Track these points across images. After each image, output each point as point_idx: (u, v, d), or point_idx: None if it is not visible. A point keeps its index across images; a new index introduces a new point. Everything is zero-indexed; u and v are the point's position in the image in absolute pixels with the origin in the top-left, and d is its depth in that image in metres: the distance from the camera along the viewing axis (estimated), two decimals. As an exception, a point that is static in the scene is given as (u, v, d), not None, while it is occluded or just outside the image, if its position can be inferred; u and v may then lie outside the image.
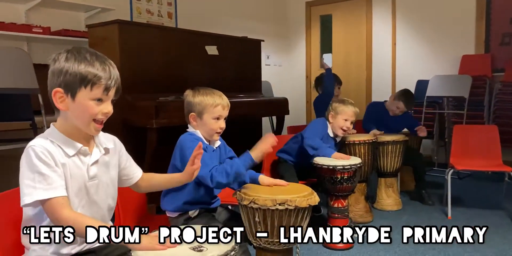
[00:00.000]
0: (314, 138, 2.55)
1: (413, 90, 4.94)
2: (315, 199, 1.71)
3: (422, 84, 4.74)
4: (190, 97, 1.75)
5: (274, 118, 4.34)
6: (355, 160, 2.39)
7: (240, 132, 3.65)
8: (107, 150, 1.29)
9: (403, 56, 5.19)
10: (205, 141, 1.75)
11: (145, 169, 1.48)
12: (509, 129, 4.09)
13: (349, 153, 2.85)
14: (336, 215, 2.42)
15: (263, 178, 1.78)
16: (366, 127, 3.31)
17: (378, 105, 3.54)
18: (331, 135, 2.71)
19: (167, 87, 3.15)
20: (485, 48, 4.62)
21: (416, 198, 3.36)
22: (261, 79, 4.22)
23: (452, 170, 2.98)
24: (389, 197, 3.15)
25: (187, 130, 1.78)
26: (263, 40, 4.14)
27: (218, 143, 1.81)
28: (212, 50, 3.55)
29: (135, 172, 1.41)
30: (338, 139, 2.77)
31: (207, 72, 3.54)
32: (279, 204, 1.61)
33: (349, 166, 2.32)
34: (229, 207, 1.98)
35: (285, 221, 1.64)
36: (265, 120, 4.52)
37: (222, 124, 1.75)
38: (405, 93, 3.41)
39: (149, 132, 2.73)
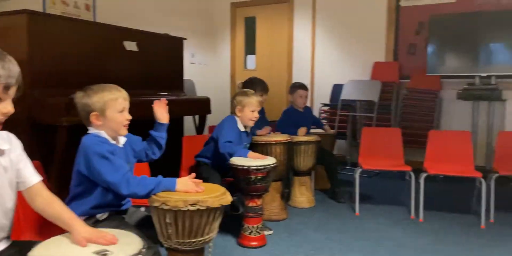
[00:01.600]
0: (229, 145, 2.58)
1: (329, 94, 5.25)
2: (227, 199, 1.74)
3: (337, 88, 5.02)
4: (86, 98, 1.68)
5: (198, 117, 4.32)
6: (269, 161, 2.47)
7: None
8: (1, 152, 1.21)
9: (322, 61, 5.45)
10: (111, 141, 1.71)
11: (54, 174, 1.41)
12: (413, 132, 4.47)
13: (265, 153, 2.92)
14: (251, 214, 2.48)
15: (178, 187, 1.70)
16: (280, 129, 3.42)
17: (290, 109, 3.68)
18: (242, 129, 2.75)
19: (81, 83, 2.92)
20: (394, 57, 5.01)
21: (329, 197, 3.54)
22: (184, 77, 4.18)
23: (360, 169, 3.20)
24: (302, 195, 3.30)
25: (88, 132, 1.72)
26: (185, 38, 4.09)
27: (123, 140, 1.78)
28: (131, 46, 3.45)
29: (29, 177, 1.32)
30: (248, 130, 2.81)
31: (126, 69, 3.42)
32: (191, 205, 1.63)
33: (263, 167, 2.39)
34: (142, 209, 1.95)
35: (196, 221, 1.66)
36: (188, 120, 4.48)
37: (128, 115, 1.73)
38: (294, 84, 3.76)
39: (58, 131, 2.58)
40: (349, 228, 2.86)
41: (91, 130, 1.71)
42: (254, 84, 3.38)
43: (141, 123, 2.08)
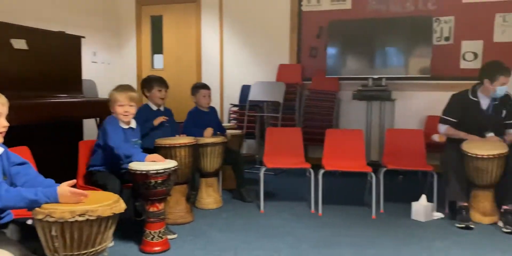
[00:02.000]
0: (123, 146, 2.50)
1: (238, 94, 5.33)
2: (120, 207, 1.69)
3: (246, 89, 5.13)
4: None
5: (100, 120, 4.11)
6: (169, 164, 2.44)
7: (55, 136, 3.38)
8: None
9: (230, 61, 5.52)
10: None
11: None
12: (315, 130, 4.72)
13: (169, 156, 2.89)
14: (152, 220, 2.44)
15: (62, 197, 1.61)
16: (186, 131, 3.40)
17: (194, 110, 3.65)
18: (125, 126, 2.66)
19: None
20: (297, 59, 5.24)
21: (237, 197, 3.60)
22: (83, 77, 3.96)
23: (264, 168, 3.30)
24: (209, 196, 3.32)
25: None
26: (83, 37, 3.88)
27: (0, 150, 1.64)
28: (19, 44, 3.18)
29: None
30: (133, 125, 2.72)
31: (14, 69, 3.16)
32: (79, 216, 1.55)
33: (162, 170, 2.36)
34: (29, 221, 1.81)
35: (86, 232, 1.59)
36: (90, 122, 4.24)
37: (4, 122, 1.62)
38: (195, 84, 3.73)
39: None
40: (254, 226, 2.94)
41: None
42: (151, 81, 3.32)
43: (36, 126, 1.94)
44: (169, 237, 2.58)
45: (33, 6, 4.43)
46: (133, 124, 2.73)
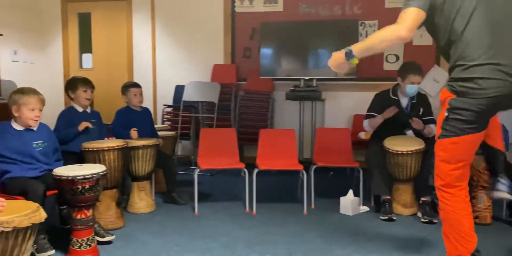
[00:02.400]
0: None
1: (172, 94, 5.26)
2: (40, 216, 1.62)
3: (180, 89, 5.06)
4: None
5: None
6: (97, 168, 2.36)
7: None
8: None
9: (163, 61, 5.42)
10: None
11: None
12: (250, 130, 4.79)
13: (97, 160, 2.79)
14: (79, 227, 2.34)
15: None
16: (115, 132, 3.30)
17: (124, 109, 3.56)
18: (20, 128, 2.53)
19: None
20: (231, 59, 5.27)
21: (168, 200, 3.54)
22: (1, 78, 3.70)
23: (198, 170, 3.29)
24: (141, 200, 3.25)
25: None
26: (1, 34, 3.62)
27: None
28: None
29: None
30: (35, 128, 2.59)
31: None
32: (-7, 227, 1.46)
33: (90, 176, 2.28)
34: None
35: (1, 245, 1.50)
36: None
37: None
38: (125, 83, 3.64)
39: None
40: (188, 228, 2.92)
41: None
42: (76, 81, 3.19)
43: None
44: (107, 238, 2.51)
45: None
46: (36, 125, 2.57)
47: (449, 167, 1.95)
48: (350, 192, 3.24)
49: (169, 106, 5.13)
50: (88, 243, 2.35)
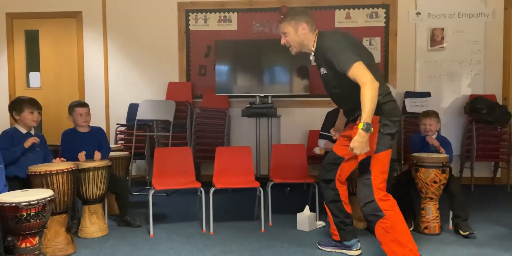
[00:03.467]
0: None
1: (125, 113, 5.15)
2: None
3: (133, 108, 4.97)
4: None
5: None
6: (42, 194, 2.25)
7: None
8: None
9: (116, 80, 5.32)
10: None
11: None
12: (207, 148, 4.76)
13: (46, 184, 2.67)
14: (24, 256, 2.21)
15: None
16: (64, 155, 3.17)
17: (69, 131, 3.40)
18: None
19: None
20: (186, 77, 5.26)
21: (122, 224, 3.41)
22: None
23: (153, 190, 3.21)
24: (93, 224, 3.12)
25: None
26: None
27: None
28: None
29: None
30: None
31: None
32: None
33: (35, 201, 2.17)
34: None
35: None
36: None
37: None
38: (70, 104, 3.43)
39: None
40: (141, 251, 2.83)
41: None
42: (21, 102, 3.02)
43: None
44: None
45: None
46: None
47: (384, 176, 2.37)
48: (307, 207, 3.28)
49: (122, 125, 5.02)
50: (34, 273, 2.22)
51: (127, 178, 4.01)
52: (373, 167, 2.36)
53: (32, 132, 3.07)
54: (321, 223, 3.32)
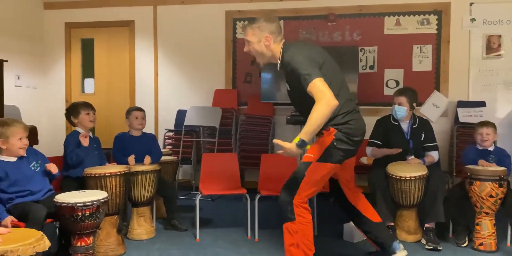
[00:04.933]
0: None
1: (173, 119, 5.28)
2: (44, 245, 1.60)
3: (181, 114, 5.09)
4: None
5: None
6: (97, 195, 2.34)
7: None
8: None
9: (165, 87, 5.47)
10: None
11: None
12: (251, 154, 4.78)
13: (99, 186, 2.78)
14: (79, 255, 2.30)
15: None
16: (116, 158, 3.29)
17: (122, 135, 3.54)
18: (13, 159, 2.46)
19: None
20: (232, 85, 5.32)
21: (169, 228, 3.47)
22: (5, 103, 3.72)
23: (200, 195, 3.26)
24: (140, 227, 3.20)
25: None
26: (6, 60, 3.67)
27: None
28: None
29: None
30: (24, 153, 2.52)
31: None
32: (-5, 257, 1.44)
33: (90, 202, 2.26)
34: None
35: (2, 275, 1.47)
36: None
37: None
38: (128, 108, 3.63)
39: None
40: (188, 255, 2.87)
41: None
42: (76, 106, 3.22)
43: None
44: None
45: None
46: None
47: (313, 189, 2.37)
48: (354, 218, 3.19)
49: (170, 131, 5.14)
50: (88, 271, 2.31)
51: (174, 182, 4.09)
52: (308, 173, 2.31)
53: (90, 135, 3.22)
54: (368, 235, 3.22)
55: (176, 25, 5.42)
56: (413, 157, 3.33)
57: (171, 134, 5.20)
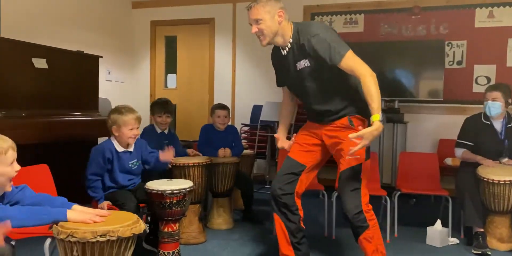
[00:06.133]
0: (91, 181, 2.50)
1: (249, 114, 5.36)
2: (140, 227, 1.69)
3: (257, 109, 5.16)
4: None
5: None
6: (184, 184, 2.45)
7: (71, 154, 3.38)
8: None
9: (242, 82, 5.58)
10: None
11: None
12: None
13: (183, 175, 2.90)
14: (166, 240, 2.43)
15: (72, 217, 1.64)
16: (200, 149, 3.42)
17: (207, 126, 3.64)
18: (121, 149, 2.59)
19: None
20: (309, 80, 5.27)
21: (246, 219, 3.55)
22: (99, 96, 4.02)
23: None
24: (220, 217, 3.30)
25: None
26: (101, 56, 3.96)
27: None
28: (40, 63, 3.25)
29: None
30: (131, 148, 2.64)
31: (35, 87, 3.23)
32: (100, 236, 1.56)
33: (178, 191, 2.36)
34: (12, 242, 1.78)
35: (106, 253, 1.59)
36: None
37: (17, 166, 1.63)
38: (213, 105, 3.71)
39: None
40: (266, 248, 2.90)
41: None
42: (154, 105, 3.48)
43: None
44: None
45: (53, 27, 4.54)
46: (132, 147, 2.65)
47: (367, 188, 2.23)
48: (438, 222, 3.03)
49: (246, 125, 5.23)
50: (174, 256, 2.43)
51: (251, 175, 4.17)
52: (363, 176, 2.17)
53: (166, 131, 3.38)
54: (454, 240, 3.04)
55: (255, 21, 5.48)
56: (507, 158, 3.08)
57: (246, 128, 5.29)
